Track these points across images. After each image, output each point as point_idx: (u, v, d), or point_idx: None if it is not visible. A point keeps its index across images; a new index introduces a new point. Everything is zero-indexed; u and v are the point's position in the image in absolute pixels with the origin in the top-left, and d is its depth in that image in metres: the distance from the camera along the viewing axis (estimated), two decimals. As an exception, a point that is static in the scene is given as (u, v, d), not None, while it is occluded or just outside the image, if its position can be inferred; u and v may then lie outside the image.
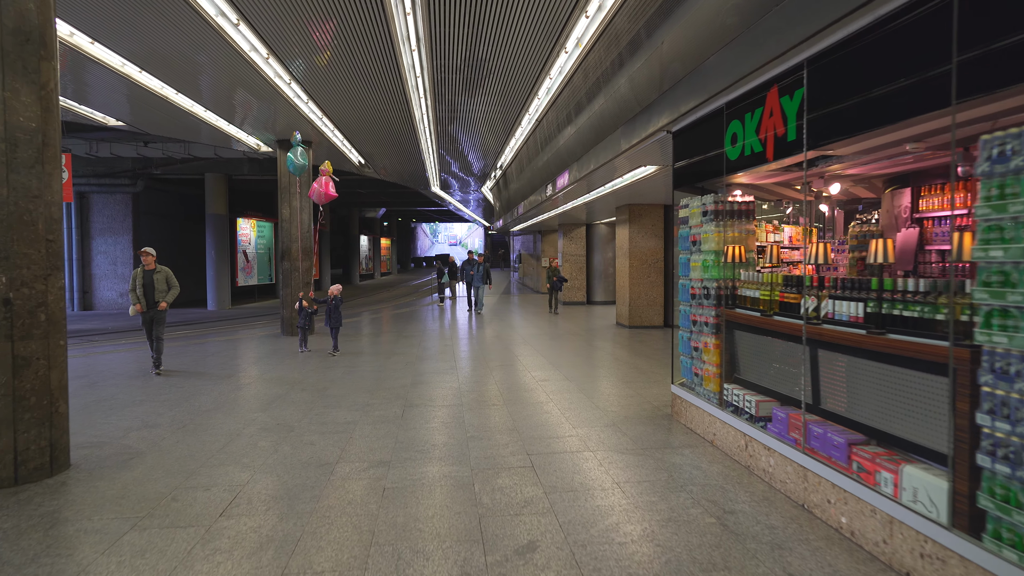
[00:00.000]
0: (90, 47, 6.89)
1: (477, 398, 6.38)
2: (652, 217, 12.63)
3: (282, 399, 6.41)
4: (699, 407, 4.91)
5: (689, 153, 5.20)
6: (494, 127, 11.18)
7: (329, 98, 9.15)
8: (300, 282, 12.19)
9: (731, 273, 4.65)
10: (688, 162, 5.24)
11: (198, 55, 7.22)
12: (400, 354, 9.41)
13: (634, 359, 8.69)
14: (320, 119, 10.31)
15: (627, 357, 8.87)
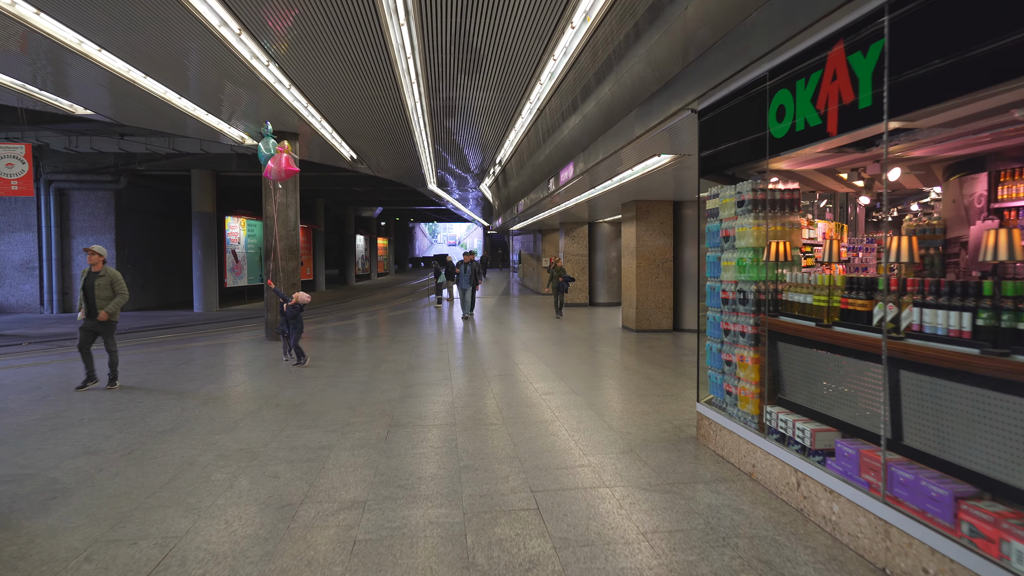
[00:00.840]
0: (35, 18, 6.14)
1: (473, 416, 5.63)
2: (661, 214, 11.89)
3: (252, 417, 5.66)
4: (733, 431, 4.17)
5: (719, 134, 4.46)
6: (492, 118, 10.44)
7: (313, 83, 8.39)
8: (286, 283, 11.43)
9: (773, 274, 3.90)
10: (718, 145, 4.50)
11: (166, 31, 6.47)
12: (390, 362, 8.66)
13: (645, 368, 7.94)
14: (305, 107, 9.55)
15: (637, 365, 8.13)
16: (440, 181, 20.59)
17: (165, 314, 17.73)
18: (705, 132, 4.69)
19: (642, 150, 6.88)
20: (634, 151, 6.91)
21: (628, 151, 6.87)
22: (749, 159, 4.04)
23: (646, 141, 6.19)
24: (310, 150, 13.70)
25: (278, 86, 8.38)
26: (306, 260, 27.88)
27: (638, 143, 6.32)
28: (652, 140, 6.15)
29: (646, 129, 5.61)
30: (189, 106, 9.43)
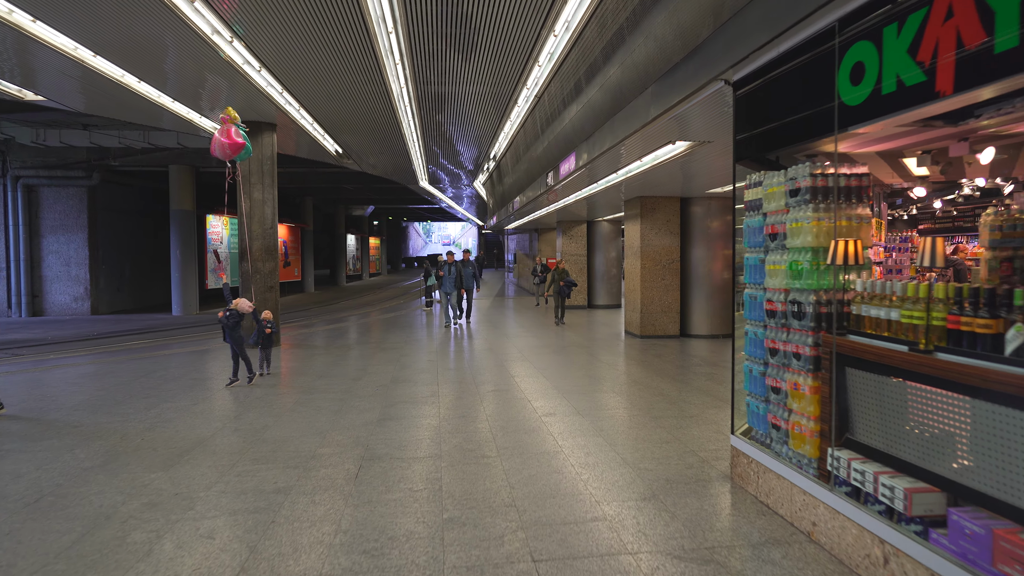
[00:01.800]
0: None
1: (462, 445, 4.79)
2: (666, 211, 11.09)
3: (202, 448, 4.80)
4: (782, 476, 3.35)
5: (762, 109, 3.64)
6: (484, 108, 9.60)
7: (286, 65, 7.52)
8: (263, 285, 10.56)
9: (839, 280, 3.09)
10: (760, 122, 3.68)
11: (122, 8, 5.60)
12: (373, 373, 7.81)
13: (656, 381, 7.12)
14: (280, 93, 8.68)
15: (647, 379, 7.31)
16: (432, 178, 19.74)
17: (141, 318, 16.81)
18: (743, 108, 3.86)
19: (653, 138, 6.07)
20: (644, 139, 6.09)
21: (638, 139, 6.05)
22: (805, 137, 3.23)
23: (661, 125, 5.37)
24: (292, 144, 12.82)
25: (247, 68, 7.52)
26: (294, 260, 26.98)
27: (652, 128, 5.50)
28: (667, 124, 5.33)
29: (665, 109, 4.78)
30: (148, 90, 8.54)
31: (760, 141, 3.69)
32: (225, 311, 7.09)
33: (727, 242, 11.12)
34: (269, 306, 10.52)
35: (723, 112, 4.83)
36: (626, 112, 5.82)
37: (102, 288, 17.69)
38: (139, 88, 8.41)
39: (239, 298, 7.14)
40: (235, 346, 7.14)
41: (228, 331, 7.09)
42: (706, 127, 5.41)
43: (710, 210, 11.00)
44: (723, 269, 11.07)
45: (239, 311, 7.07)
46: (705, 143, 6.08)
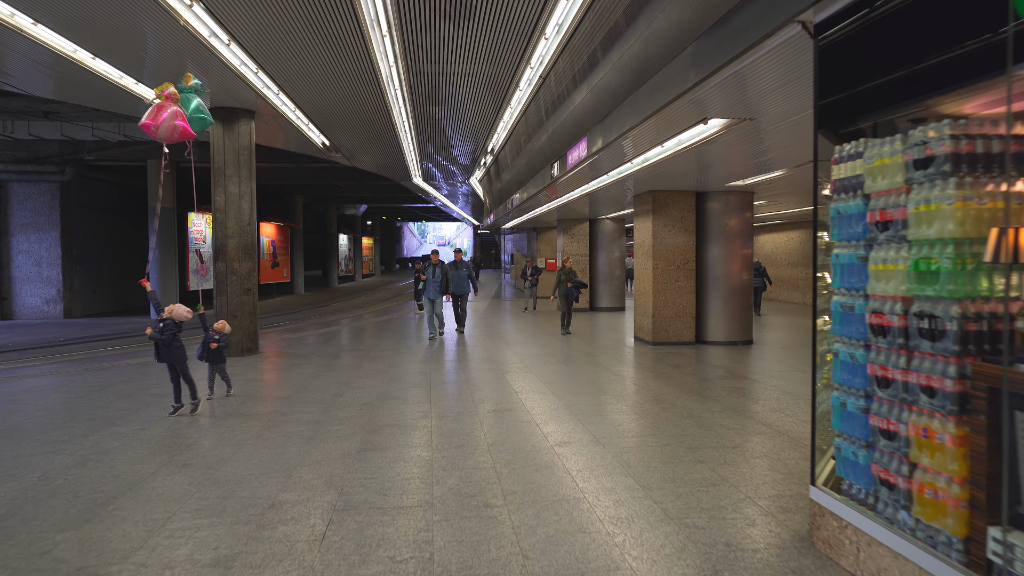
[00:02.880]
0: None
1: (459, 488, 3.86)
2: (681, 207, 10.19)
3: (134, 492, 3.85)
4: (904, 556, 2.44)
5: (863, 58, 2.73)
6: (482, 93, 8.67)
7: (260, 41, 6.58)
8: (239, 288, 9.61)
9: (992, 285, 2.19)
10: (860, 76, 2.77)
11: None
12: (357, 388, 6.87)
13: (681, 398, 6.21)
14: (255, 73, 7.73)
15: (670, 395, 6.40)
16: (426, 174, 18.81)
17: (117, 322, 15.80)
18: (831, 59, 2.95)
19: (683, 116, 5.17)
20: (672, 118, 5.19)
21: (665, 117, 5.14)
22: (934, 89, 2.32)
23: (694, 99, 4.47)
24: (275, 135, 11.86)
25: (214, 41, 6.57)
26: (283, 261, 25.99)
27: (683, 103, 4.59)
28: (707, 95, 4.43)
29: (709, 71, 3.86)
30: (105, 69, 7.57)
31: (861, 99, 2.78)
32: (157, 323, 5.63)
33: (746, 241, 10.23)
34: (246, 310, 9.58)
35: (781, 74, 3.92)
36: (653, 84, 4.90)
37: (76, 290, 16.67)
38: (94, 66, 7.44)
39: (174, 304, 5.81)
40: (175, 365, 5.77)
41: (163, 347, 5.61)
42: (752, 98, 4.51)
43: (728, 206, 10.11)
44: (741, 270, 10.19)
45: (175, 320, 5.71)
46: (744, 121, 5.18)
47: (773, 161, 7.31)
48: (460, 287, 11.52)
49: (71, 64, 7.28)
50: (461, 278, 11.53)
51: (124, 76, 7.92)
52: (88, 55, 7.19)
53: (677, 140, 6.21)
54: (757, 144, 6.33)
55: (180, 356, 5.73)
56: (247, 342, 9.60)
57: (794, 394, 6.37)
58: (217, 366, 6.49)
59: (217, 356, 6.41)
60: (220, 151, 9.52)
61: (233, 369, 8.20)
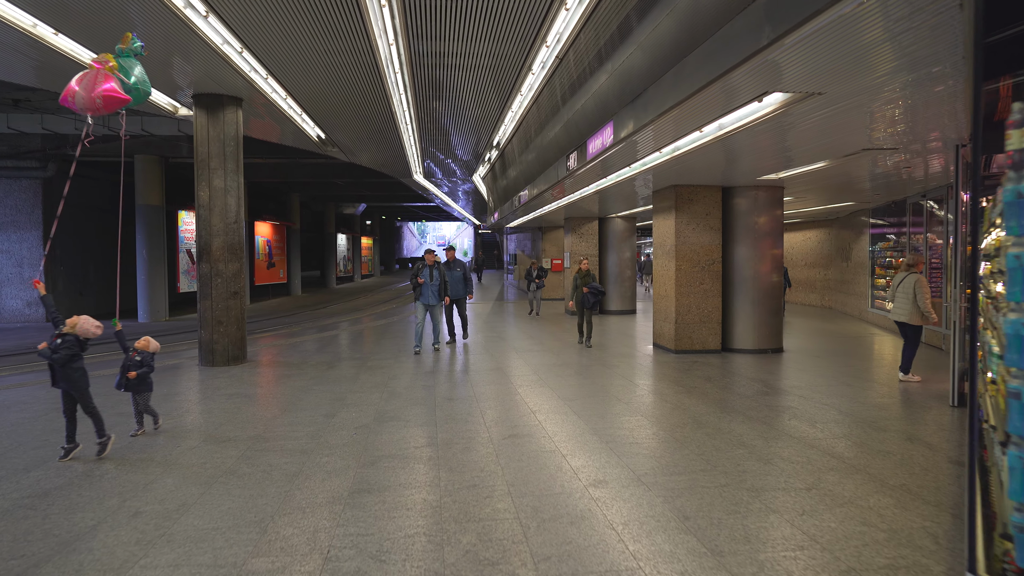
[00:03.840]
0: None
1: (477, 548, 3.04)
2: (706, 203, 9.37)
3: (64, 553, 3.04)
4: None
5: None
6: (487, 81, 7.87)
7: (243, 12, 5.77)
8: (226, 291, 8.79)
9: None
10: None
11: None
12: (352, 406, 6.05)
13: (725, 421, 5.40)
14: (239, 53, 6.92)
15: (711, 416, 5.58)
16: (427, 171, 18.00)
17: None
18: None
19: (732, 94, 4.36)
20: (722, 94, 4.38)
21: (713, 94, 4.33)
22: None
23: (766, 62, 3.65)
24: (268, 128, 11.05)
25: (189, 12, 5.76)
26: (279, 261, 25.17)
27: (747, 70, 3.78)
28: (779, 59, 3.61)
29: (797, 22, 3.04)
30: (69, 46, 6.75)
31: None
32: (54, 338, 4.44)
33: (776, 240, 9.42)
34: (233, 315, 8.77)
35: (884, 28, 3.11)
36: (707, 49, 4.09)
37: (60, 292, 15.85)
38: (57, 43, 6.63)
39: (79, 316, 4.58)
40: (72, 393, 4.53)
41: (58, 370, 4.41)
42: (834, 63, 3.69)
43: (757, 203, 9.29)
44: (771, 272, 9.37)
45: (77, 337, 4.48)
46: (809, 96, 4.36)
47: (822, 149, 6.50)
48: (456, 290, 10.30)
49: (32, 41, 6.47)
50: (456, 280, 10.30)
51: (87, 51, 7.10)
52: (49, 29, 6.39)
53: (718, 124, 5.40)
54: (810, 128, 5.51)
55: (80, 382, 4.50)
56: (234, 350, 8.79)
57: (852, 414, 5.55)
58: (141, 396, 5.19)
59: (140, 384, 5.13)
60: (204, 142, 8.70)
61: (217, 382, 7.40)
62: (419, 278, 9.23)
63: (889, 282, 12.48)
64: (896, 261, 11.86)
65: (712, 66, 4.01)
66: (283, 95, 8.84)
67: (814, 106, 4.68)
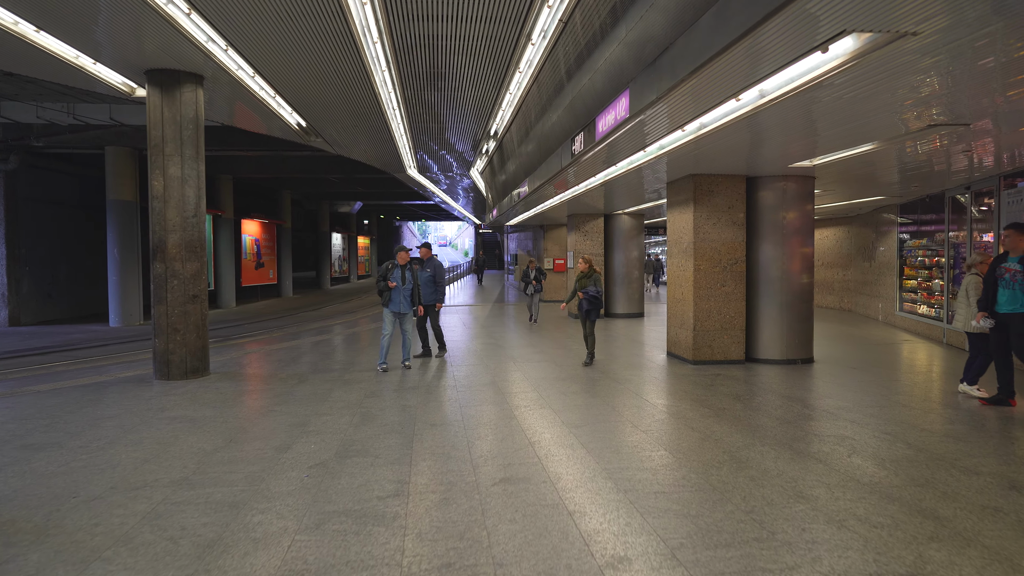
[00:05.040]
0: None
1: None
2: (728, 194, 8.31)
3: None
4: None
5: None
6: (481, 56, 6.82)
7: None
8: (184, 295, 7.74)
9: None
10: None
11: None
12: (314, 434, 4.99)
13: (775, 460, 4.34)
14: (186, 14, 5.86)
15: (755, 453, 4.52)
16: (421, 165, 16.96)
17: (70, 330, 13.95)
18: None
19: (792, 39, 3.30)
20: (780, 39, 3.32)
21: (766, 41, 3.28)
22: None
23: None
24: (249, 118, 10.02)
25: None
26: (269, 261, 24.13)
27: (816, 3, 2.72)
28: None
29: None
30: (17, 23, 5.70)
31: None
32: None
33: (806, 238, 8.36)
34: (192, 322, 7.73)
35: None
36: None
37: (25, 294, 14.81)
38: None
39: None
40: None
41: None
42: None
43: (786, 196, 8.22)
44: (802, 272, 8.31)
45: None
46: (899, 38, 3.29)
47: (874, 126, 5.42)
48: (425, 295, 8.60)
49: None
50: (424, 282, 8.58)
51: (19, 21, 6.04)
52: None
53: (759, 91, 4.33)
54: (870, 95, 4.45)
55: None
56: (193, 362, 7.74)
57: (923, 448, 4.49)
58: None
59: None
60: (157, 124, 7.66)
61: (165, 400, 6.34)
62: (389, 281, 7.82)
63: (921, 283, 11.47)
64: (931, 261, 10.80)
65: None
66: (250, 73, 7.80)
67: (886, 60, 3.62)
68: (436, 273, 8.69)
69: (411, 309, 8.06)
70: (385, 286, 7.79)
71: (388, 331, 7.92)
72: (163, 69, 7.57)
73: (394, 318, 7.97)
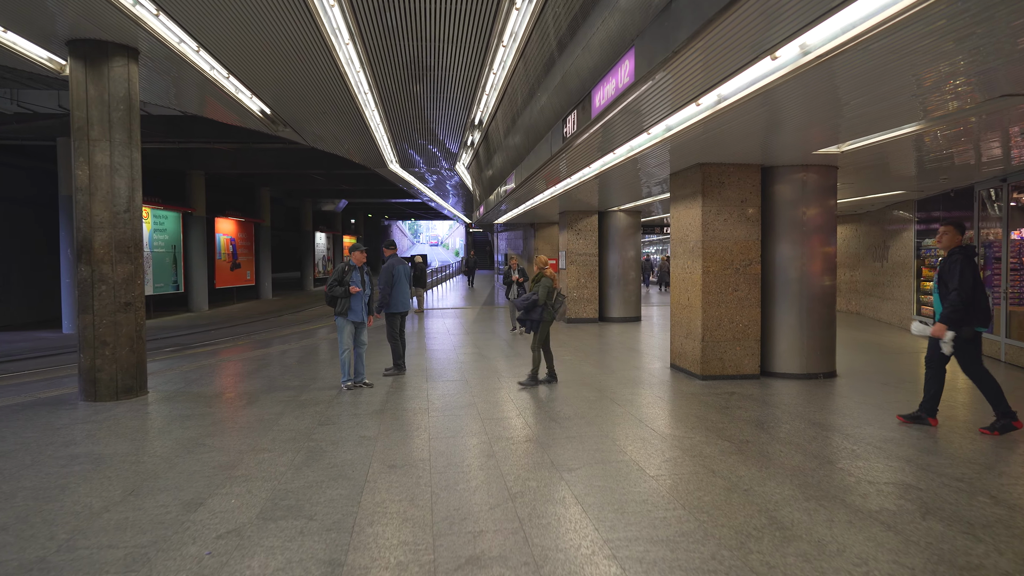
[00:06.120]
0: None
1: None
2: (741, 186, 7.33)
3: None
4: None
5: None
6: (458, 28, 5.79)
7: None
8: (115, 303, 6.67)
9: None
10: None
11: None
12: (238, 482, 3.95)
13: (823, 522, 3.34)
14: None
15: (798, 512, 3.52)
16: (404, 159, 15.89)
17: (15, 337, 12.78)
18: None
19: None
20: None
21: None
22: None
23: None
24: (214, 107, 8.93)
25: None
26: (246, 262, 22.96)
27: None
28: None
29: None
30: None
31: None
32: None
33: (828, 236, 7.39)
34: (124, 334, 6.67)
35: None
36: None
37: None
38: None
39: None
40: None
41: None
42: None
43: (806, 188, 7.25)
44: (823, 274, 7.34)
45: None
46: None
47: (929, 100, 4.44)
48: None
49: None
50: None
51: None
52: None
53: (799, 45, 3.34)
54: (931, 54, 3.46)
55: None
56: (125, 380, 6.67)
57: (1019, 507, 3.51)
58: None
59: None
60: (81, 103, 6.58)
61: (76, 431, 5.24)
62: (351, 286, 6.66)
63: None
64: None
65: None
66: (194, 47, 6.72)
67: None
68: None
69: (364, 318, 6.94)
70: (344, 292, 6.71)
71: (349, 345, 6.84)
72: (87, 40, 6.49)
73: (353, 330, 6.90)
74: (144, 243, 16.41)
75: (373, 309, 7.20)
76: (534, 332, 7.02)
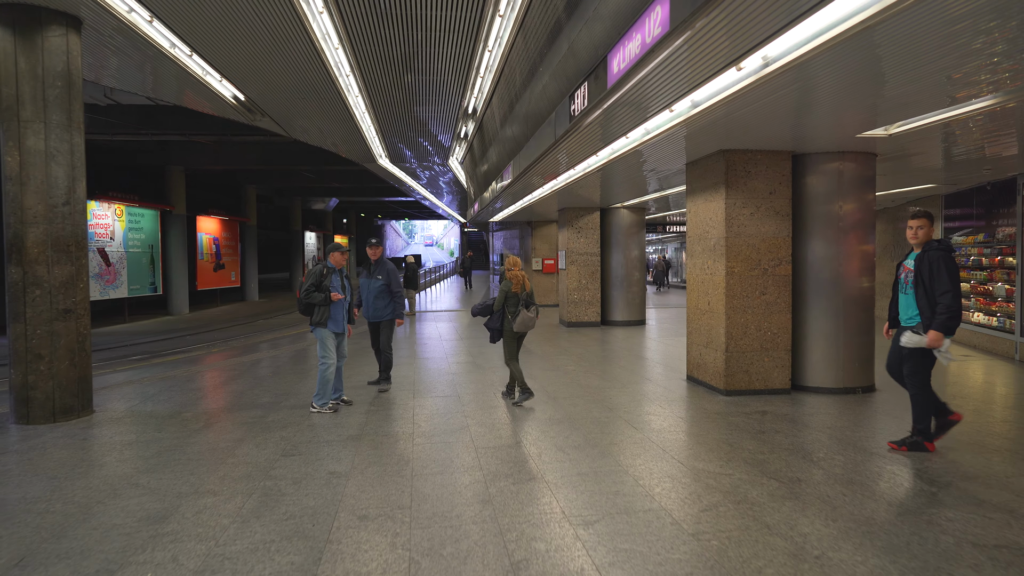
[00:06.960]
0: None
1: None
2: (769, 176, 6.48)
3: None
4: None
5: None
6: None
7: None
8: (52, 309, 5.76)
9: None
10: None
11: None
12: (164, 544, 3.06)
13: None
14: None
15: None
16: (394, 154, 15.01)
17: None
18: None
19: None
20: None
21: None
22: None
23: None
24: (150, 76, 8.01)
25: None
26: (230, 262, 22.00)
27: None
28: None
29: None
30: None
31: None
32: None
33: (866, 233, 6.56)
34: (63, 346, 5.76)
35: None
36: None
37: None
38: None
39: None
40: None
41: None
42: None
43: (842, 180, 6.41)
44: (860, 274, 6.51)
45: None
46: None
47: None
48: (377, 309, 6.66)
49: None
50: (376, 292, 6.62)
51: None
52: None
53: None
54: None
55: None
56: (64, 399, 5.76)
57: None
58: None
59: None
60: (10, 79, 5.66)
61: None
62: (332, 292, 5.75)
63: (977, 287, 9.69)
64: (993, 260, 9.05)
65: None
66: (146, 16, 5.83)
67: None
68: (391, 280, 6.71)
69: (343, 328, 6.03)
70: (324, 299, 5.79)
71: (332, 359, 5.93)
72: (16, 3, 5.58)
73: (335, 341, 6.00)
74: (117, 242, 15.50)
75: (353, 317, 6.31)
76: (500, 342, 6.23)
